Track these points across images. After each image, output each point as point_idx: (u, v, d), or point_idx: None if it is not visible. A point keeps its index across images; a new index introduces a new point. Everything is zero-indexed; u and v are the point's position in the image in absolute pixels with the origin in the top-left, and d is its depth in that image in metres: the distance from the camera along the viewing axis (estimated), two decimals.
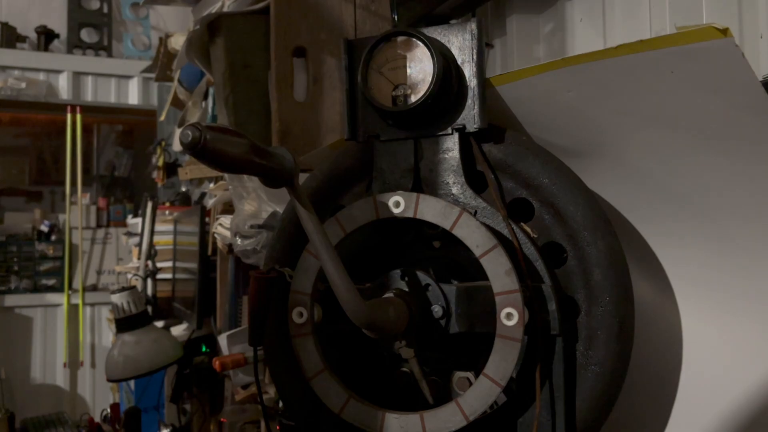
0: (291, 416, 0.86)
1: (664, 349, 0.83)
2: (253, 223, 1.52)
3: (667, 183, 0.76)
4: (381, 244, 0.80)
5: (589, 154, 0.78)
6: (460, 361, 0.76)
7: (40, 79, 4.37)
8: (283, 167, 0.55)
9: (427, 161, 0.76)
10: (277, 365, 0.81)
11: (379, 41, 0.75)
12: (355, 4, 1.52)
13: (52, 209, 4.87)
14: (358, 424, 0.71)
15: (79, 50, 4.52)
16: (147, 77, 4.23)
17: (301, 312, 0.73)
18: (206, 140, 0.51)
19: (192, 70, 2.17)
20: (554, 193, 0.72)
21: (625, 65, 0.67)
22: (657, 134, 0.73)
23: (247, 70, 1.52)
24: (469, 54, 0.74)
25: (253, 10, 1.54)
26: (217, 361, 1.40)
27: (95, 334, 4.55)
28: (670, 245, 0.81)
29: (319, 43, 1.48)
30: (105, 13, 4.64)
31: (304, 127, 1.44)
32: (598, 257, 0.70)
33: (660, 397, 0.83)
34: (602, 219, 0.71)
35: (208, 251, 2.27)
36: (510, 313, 0.66)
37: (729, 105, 0.65)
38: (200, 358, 2.21)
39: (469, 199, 0.74)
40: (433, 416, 0.69)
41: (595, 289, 0.70)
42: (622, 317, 0.69)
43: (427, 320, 0.73)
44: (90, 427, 3.31)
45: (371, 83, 0.75)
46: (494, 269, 0.67)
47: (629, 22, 1.32)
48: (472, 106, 0.74)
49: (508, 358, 0.66)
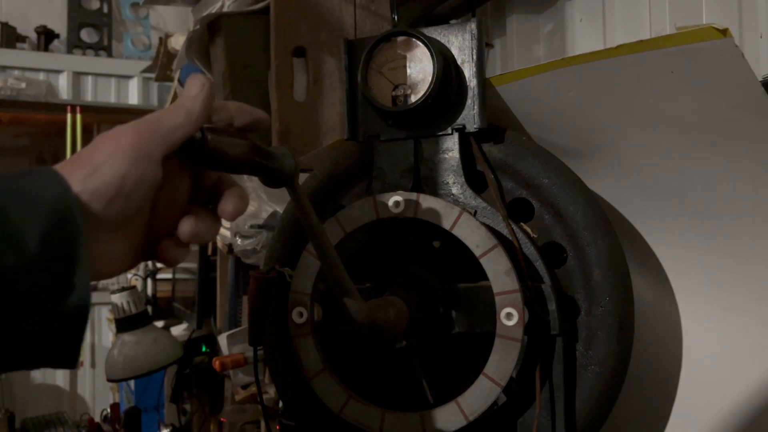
0: (291, 416, 0.86)
1: (664, 348, 0.83)
2: (253, 223, 1.52)
3: (667, 183, 0.76)
4: (381, 244, 0.80)
5: (589, 154, 0.78)
6: (460, 361, 0.76)
7: (40, 79, 4.37)
8: (283, 167, 0.55)
9: (427, 161, 0.76)
10: (277, 365, 0.82)
11: (380, 41, 0.75)
12: (355, 4, 1.52)
13: None
14: (358, 424, 0.71)
15: (79, 50, 4.51)
16: (147, 77, 4.22)
17: (301, 312, 0.73)
18: (207, 141, 0.52)
19: (192, 70, 2.17)
20: (554, 193, 0.73)
21: (626, 65, 0.67)
22: (657, 134, 0.73)
23: (247, 70, 1.52)
24: (469, 54, 0.74)
25: (253, 10, 1.54)
26: (217, 361, 1.40)
27: (95, 334, 4.55)
28: (671, 245, 0.81)
29: (319, 43, 1.48)
30: (105, 13, 4.63)
31: (304, 127, 1.44)
32: (598, 257, 0.70)
33: (660, 397, 0.83)
34: (602, 219, 0.71)
35: (208, 251, 2.27)
36: (510, 313, 0.66)
37: (729, 105, 0.65)
38: (200, 358, 2.21)
39: (469, 199, 0.74)
40: (433, 416, 0.69)
41: (595, 289, 0.70)
42: (622, 317, 0.69)
43: (427, 320, 0.73)
44: (90, 427, 3.32)
45: (371, 83, 0.75)
46: (494, 269, 0.67)
47: (629, 22, 1.32)
48: (472, 106, 0.74)
49: (508, 358, 0.66)
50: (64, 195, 0.46)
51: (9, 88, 4.11)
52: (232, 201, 0.55)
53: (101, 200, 0.48)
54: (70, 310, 0.45)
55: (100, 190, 0.48)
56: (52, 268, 0.45)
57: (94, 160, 0.49)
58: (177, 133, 0.51)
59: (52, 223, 0.45)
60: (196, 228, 0.54)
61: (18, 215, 0.44)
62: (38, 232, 0.44)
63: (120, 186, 0.49)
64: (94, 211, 0.48)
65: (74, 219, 0.46)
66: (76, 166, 0.49)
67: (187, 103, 0.52)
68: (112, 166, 0.49)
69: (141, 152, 0.49)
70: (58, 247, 0.45)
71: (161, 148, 0.50)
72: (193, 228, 0.54)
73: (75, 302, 0.45)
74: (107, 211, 0.49)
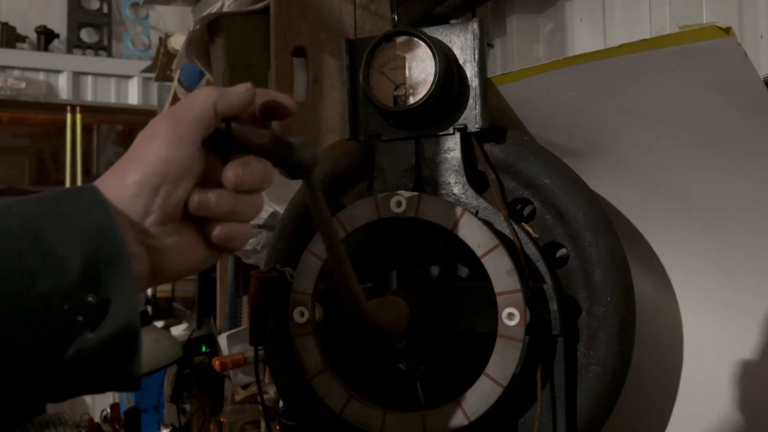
0: (291, 416, 0.86)
1: (665, 348, 0.83)
2: (253, 223, 1.52)
3: (669, 182, 0.76)
4: (382, 244, 0.80)
5: (590, 153, 0.78)
6: (461, 361, 0.76)
7: (40, 79, 4.36)
8: (302, 160, 0.55)
9: (429, 161, 0.76)
10: (277, 365, 0.81)
11: (381, 41, 0.75)
12: (355, 4, 1.52)
13: None
14: (359, 424, 0.71)
15: (79, 50, 4.51)
16: (147, 77, 4.22)
17: (302, 312, 0.73)
18: (231, 130, 0.51)
19: (192, 70, 2.17)
20: (555, 193, 0.72)
21: (627, 65, 0.66)
22: (659, 134, 0.73)
23: (247, 70, 1.52)
24: (470, 54, 0.74)
25: (253, 10, 1.54)
26: (217, 361, 1.40)
27: None
28: (672, 244, 0.81)
29: (319, 43, 1.48)
30: (105, 13, 4.63)
31: (304, 128, 1.44)
32: (599, 257, 0.70)
33: (661, 397, 0.83)
34: (603, 219, 0.71)
35: None
36: (511, 313, 0.66)
37: (731, 104, 0.65)
38: (200, 358, 2.21)
39: (471, 199, 0.74)
40: (435, 416, 0.69)
41: (596, 289, 0.70)
42: (623, 317, 0.69)
43: (428, 320, 0.73)
44: (90, 427, 3.31)
45: (373, 83, 0.75)
46: (495, 269, 0.67)
47: (629, 22, 1.32)
48: (473, 106, 0.74)
49: (510, 358, 0.66)
50: (105, 215, 0.46)
51: (9, 88, 4.11)
52: (233, 168, 0.52)
53: (149, 190, 0.48)
54: (117, 332, 0.45)
55: (146, 179, 0.48)
56: (95, 291, 0.44)
57: (135, 154, 0.49)
58: (209, 110, 0.50)
59: (94, 246, 0.44)
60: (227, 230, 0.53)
61: (59, 239, 0.44)
62: (80, 256, 0.44)
63: (165, 172, 0.48)
64: (144, 204, 0.48)
65: (116, 239, 0.45)
66: (118, 170, 0.49)
67: (220, 88, 0.52)
68: (154, 153, 0.49)
69: (178, 135, 0.49)
70: (100, 270, 0.44)
71: (198, 128, 0.50)
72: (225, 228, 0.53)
73: (121, 324, 0.45)
74: (155, 200, 0.48)
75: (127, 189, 0.48)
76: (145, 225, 0.49)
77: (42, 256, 0.43)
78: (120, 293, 0.45)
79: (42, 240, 0.44)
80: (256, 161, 0.52)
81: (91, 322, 0.44)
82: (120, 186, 0.49)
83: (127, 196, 0.48)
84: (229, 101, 0.52)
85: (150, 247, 0.50)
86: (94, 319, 0.44)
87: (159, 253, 0.50)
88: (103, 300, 0.44)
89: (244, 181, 0.52)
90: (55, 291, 0.43)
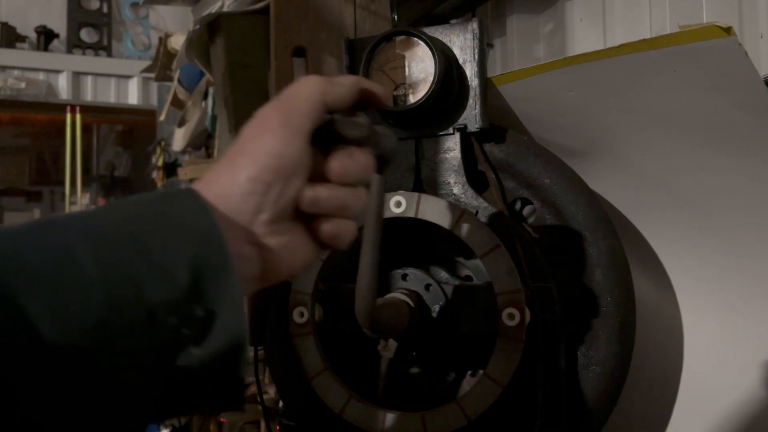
0: (291, 416, 0.86)
1: (665, 348, 0.83)
2: None
3: (669, 182, 0.76)
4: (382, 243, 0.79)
5: (590, 153, 0.78)
6: (461, 361, 0.76)
7: (39, 79, 4.37)
8: (385, 152, 0.53)
9: (428, 161, 0.76)
10: (277, 365, 0.81)
11: (381, 41, 0.75)
12: (355, 4, 1.52)
13: (51, 209, 4.86)
14: (359, 424, 0.71)
15: (78, 50, 4.52)
16: (147, 77, 4.22)
17: (302, 312, 0.73)
18: (334, 121, 0.50)
19: (192, 70, 2.17)
20: (555, 193, 0.72)
21: (627, 64, 0.66)
22: (659, 133, 0.72)
23: (247, 70, 1.52)
24: (470, 54, 0.74)
25: (252, 10, 1.53)
26: None
27: None
28: (671, 244, 0.81)
29: (319, 43, 1.48)
30: (105, 13, 4.63)
31: None
32: (599, 257, 0.70)
33: (661, 397, 0.83)
34: (603, 219, 0.71)
35: None
36: (512, 314, 0.66)
37: (731, 104, 0.65)
38: None
39: (471, 199, 0.74)
40: (435, 416, 0.69)
41: (596, 289, 0.70)
42: (623, 317, 0.69)
43: (428, 320, 0.73)
44: None
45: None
46: (496, 269, 0.67)
47: (629, 22, 1.32)
48: (473, 105, 0.74)
49: (510, 359, 0.66)
50: (209, 222, 0.42)
51: (9, 88, 4.11)
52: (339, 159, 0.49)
53: (262, 187, 0.45)
54: (224, 347, 0.41)
55: (259, 176, 0.45)
56: (201, 302, 0.41)
57: (245, 149, 0.46)
58: (318, 102, 0.48)
59: (199, 255, 0.41)
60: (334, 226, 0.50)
61: (163, 247, 0.41)
62: (187, 265, 0.40)
63: (279, 167, 0.46)
64: (256, 201, 0.45)
65: (222, 248, 0.42)
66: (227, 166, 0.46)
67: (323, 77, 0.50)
68: (267, 147, 0.46)
69: (290, 128, 0.47)
70: (205, 281, 0.41)
71: (309, 120, 0.48)
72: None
73: (227, 339, 0.41)
74: (268, 197, 0.46)
75: (239, 186, 0.45)
76: (256, 224, 0.46)
77: (149, 264, 0.40)
78: (226, 305, 0.41)
79: (147, 247, 0.40)
80: (359, 152, 0.50)
81: (196, 336, 0.40)
82: (231, 183, 0.45)
83: (238, 194, 0.45)
84: (338, 94, 0.49)
85: (261, 246, 0.47)
86: (200, 333, 0.40)
87: (269, 253, 0.47)
88: (209, 312, 0.41)
89: (349, 173, 0.49)
90: (162, 302, 0.39)
